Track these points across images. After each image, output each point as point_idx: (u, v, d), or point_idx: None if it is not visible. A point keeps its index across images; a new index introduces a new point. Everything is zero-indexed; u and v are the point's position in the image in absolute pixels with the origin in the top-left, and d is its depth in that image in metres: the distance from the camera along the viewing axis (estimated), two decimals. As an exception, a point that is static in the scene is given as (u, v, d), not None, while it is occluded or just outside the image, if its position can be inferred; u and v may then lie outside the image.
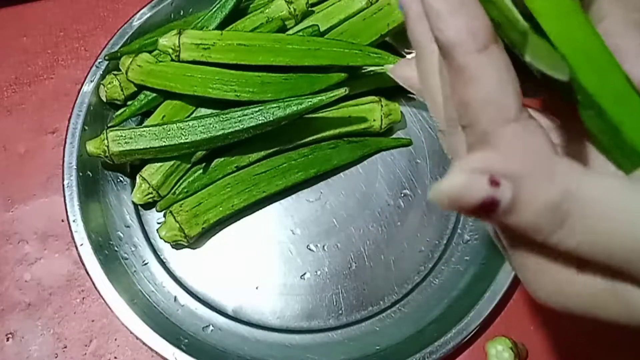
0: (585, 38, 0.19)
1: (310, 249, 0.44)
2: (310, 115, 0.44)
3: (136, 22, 0.47)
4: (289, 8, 0.46)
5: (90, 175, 0.44)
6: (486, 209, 0.17)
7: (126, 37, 0.47)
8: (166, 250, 0.44)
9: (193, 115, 0.44)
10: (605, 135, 0.20)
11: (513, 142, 0.18)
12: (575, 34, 0.19)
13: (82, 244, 0.42)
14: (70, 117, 0.45)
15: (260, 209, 0.45)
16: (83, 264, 0.41)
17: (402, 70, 0.26)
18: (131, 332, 0.40)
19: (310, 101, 0.41)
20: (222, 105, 0.44)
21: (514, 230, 0.18)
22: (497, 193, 0.17)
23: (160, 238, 0.43)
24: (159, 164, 0.43)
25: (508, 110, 0.18)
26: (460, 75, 0.19)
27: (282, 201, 0.45)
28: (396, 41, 0.49)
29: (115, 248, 0.43)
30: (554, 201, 0.17)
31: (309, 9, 0.47)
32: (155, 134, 0.42)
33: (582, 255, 0.18)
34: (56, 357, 0.42)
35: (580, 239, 0.18)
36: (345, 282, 0.44)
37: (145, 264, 0.44)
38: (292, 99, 0.42)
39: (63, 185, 0.43)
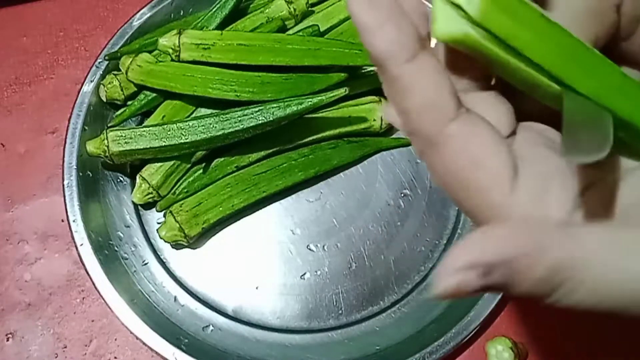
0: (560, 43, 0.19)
1: (310, 249, 0.44)
2: (310, 115, 0.44)
3: (136, 22, 0.47)
4: (289, 8, 0.46)
5: (90, 175, 0.44)
6: (484, 291, 0.18)
7: (126, 37, 0.47)
8: (166, 250, 0.44)
9: (193, 115, 0.44)
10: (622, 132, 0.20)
11: (458, 140, 0.19)
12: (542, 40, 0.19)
13: (82, 244, 0.42)
14: (70, 117, 0.45)
15: (260, 209, 0.45)
16: (83, 264, 0.41)
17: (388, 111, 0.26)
18: (131, 332, 0.40)
19: (310, 101, 0.41)
20: (222, 105, 0.44)
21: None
22: (490, 280, 0.18)
23: (160, 238, 0.43)
24: (159, 164, 0.43)
25: (446, 110, 0.19)
26: (395, 86, 0.19)
27: (282, 201, 0.45)
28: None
29: (115, 248, 0.43)
30: (548, 274, 0.18)
31: (309, 9, 0.47)
32: (155, 134, 0.42)
33: (582, 308, 0.19)
34: (56, 357, 0.42)
35: (579, 298, 0.18)
36: (345, 282, 0.44)
37: (145, 264, 0.44)
38: (292, 99, 0.42)
39: (63, 185, 0.43)
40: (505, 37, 0.19)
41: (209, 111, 0.44)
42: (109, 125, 0.45)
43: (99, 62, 0.46)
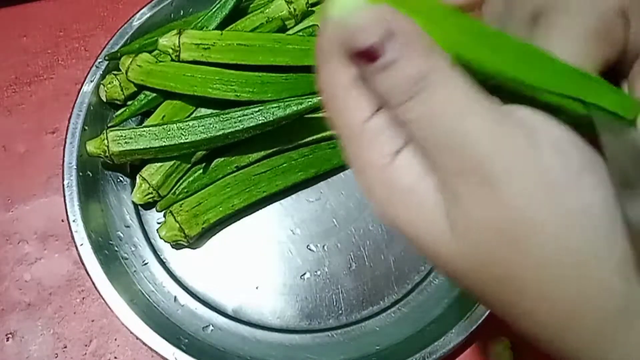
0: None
1: (310, 249, 0.44)
2: (310, 115, 0.44)
3: (136, 22, 0.47)
4: (289, 8, 0.46)
5: (90, 175, 0.44)
6: (368, 56, 0.18)
7: (126, 37, 0.47)
8: (166, 250, 0.44)
9: (193, 115, 0.44)
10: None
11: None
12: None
13: (82, 244, 0.42)
14: (70, 117, 0.45)
15: (260, 209, 0.45)
16: (83, 264, 0.41)
17: None
18: (131, 332, 0.40)
19: (310, 101, 0.41)
20: (222, 105, 0.44)
21: (376, 87, 0.19)
22: (386, 46, 0.18)
23: (160, 238, 0.43)
24: (159, 164, 0.43)
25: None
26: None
27: (282, 201, 0.45)
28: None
29: (115, 248, 0.43)
30: (420, 74, 0.18)
31: (309, 9, 0.47)
32: (155, 134, 0.42)
33: (410, 129, 0.19)
34: (56, 357, 0.42)
35: (416, 115, 0.18)
36: (345, 282, 0.44)
37: (145, 264, 0.44)
38: (292, 99, 0.42)
39: (63, 185, 0.43)
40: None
41: (209, 111, 0.44)
42: (109, 125, 0.45)
43: (99, 62, 0.46)
